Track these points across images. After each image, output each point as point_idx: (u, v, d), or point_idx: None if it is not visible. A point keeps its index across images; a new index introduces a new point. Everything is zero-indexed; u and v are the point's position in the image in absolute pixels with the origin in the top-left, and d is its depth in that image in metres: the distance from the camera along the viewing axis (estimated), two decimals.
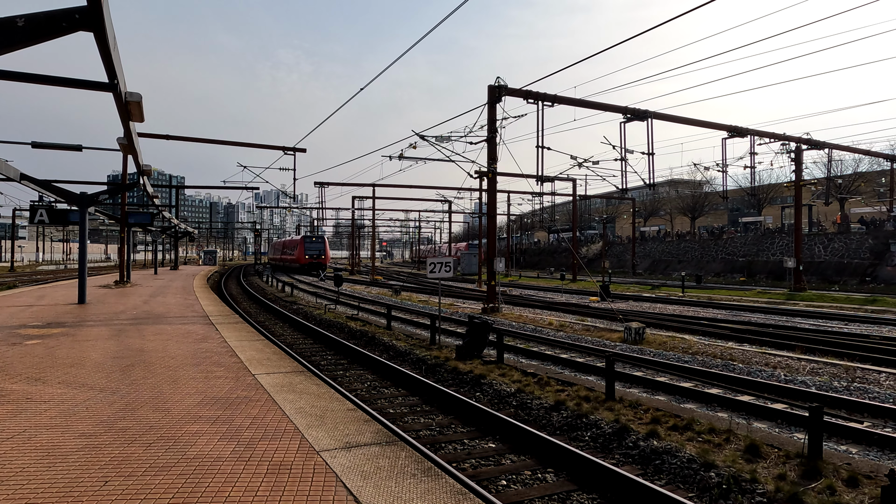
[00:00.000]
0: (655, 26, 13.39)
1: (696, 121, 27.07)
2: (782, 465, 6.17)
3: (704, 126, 27.48)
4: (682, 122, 26.52)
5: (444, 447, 7.15)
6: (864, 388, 9.48)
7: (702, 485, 5.85)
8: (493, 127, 21.68)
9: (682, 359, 12.15)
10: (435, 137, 23.38)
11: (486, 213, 22.88)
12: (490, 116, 21.77)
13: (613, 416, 7.76)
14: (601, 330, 16.96)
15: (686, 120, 26.66)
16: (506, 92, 21.69)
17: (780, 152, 29.03)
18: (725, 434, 7.10)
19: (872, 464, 6.37)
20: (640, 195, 71.54)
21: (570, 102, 22.63)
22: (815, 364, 11.77)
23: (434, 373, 11.47)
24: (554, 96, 22.06)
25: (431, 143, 23.62)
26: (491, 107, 21.80)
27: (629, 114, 24.16)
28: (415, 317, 20.66)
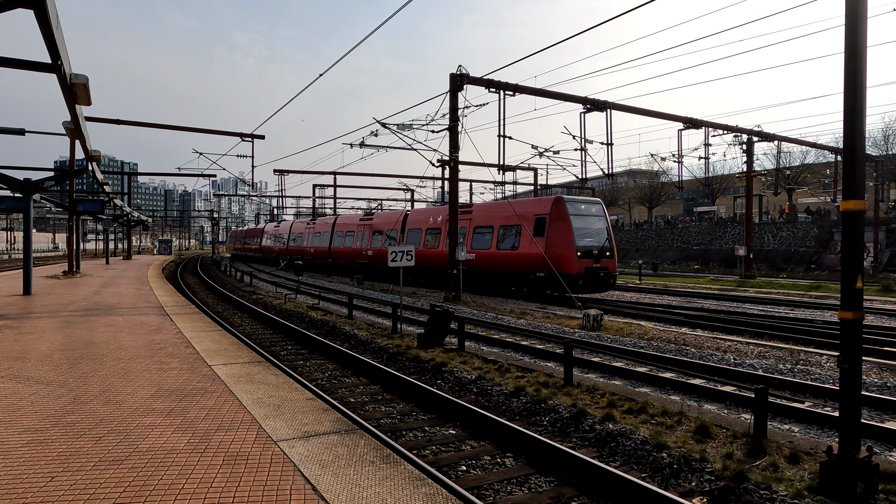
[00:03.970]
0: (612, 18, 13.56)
1: (654, 112, 27.62)
2: (730, 444, 6.43)
3: (661, 117, 28.08)
4: (640, 113, 27.03)
5: (404, 435, 7.18)
6: (806, 370, 9.93)
7: (654, 465, 6.04)
8: (454, 115, 21.65)
9: (637, 344, 12.48)
10: (396, 125, 23.21)
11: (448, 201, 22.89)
12: (452, 105, 21.72)
13: (571, 401, 7.93)
14: (561, 317, 17.24)
15: (644, 111, 27.18)
16: (467, 80, 21.67)
17: (733, 144, 29.95)
18: (677, 416, 7.35)
19: (813, 441, 6.70)
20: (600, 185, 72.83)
21: (531, 92, 22.77)
22: (762, 348, 12.27)
23: (396, 361, 11.47)
24: (515, 86, 22.15)
25: (393, 130, 23.44)
26: (453, 95, 21.75)
27: (589, 104, 24.46)
28: (377, 306, 20.59)
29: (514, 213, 22.67)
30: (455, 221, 22.24)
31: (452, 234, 22.17)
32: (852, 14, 5.18)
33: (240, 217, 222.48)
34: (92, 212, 26.97)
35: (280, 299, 22.54)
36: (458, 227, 23.79)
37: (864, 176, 5.38)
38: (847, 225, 5.23)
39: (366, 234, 34.20)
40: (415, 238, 28.89)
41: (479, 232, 24.49)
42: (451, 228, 22.23)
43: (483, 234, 24.32)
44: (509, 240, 22.87)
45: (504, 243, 23.12)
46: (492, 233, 23.80)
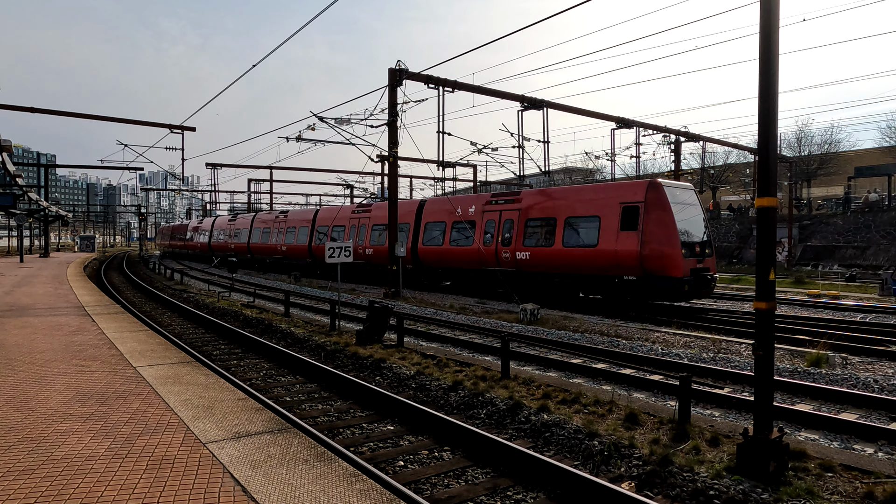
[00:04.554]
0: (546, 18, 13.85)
1: (588, 111, 28.43)
2: (657, 430, 6.72)
3: (595, 117, 28.95)
4: (576, 112, 27.76)
5: (342, 432, 7.10)
6: (727, 359, 10.52)
7: (586, 453, 6.24)
8: (393, 111, 21.53)
9: (572, 337, 12.83)
10: (334, 119, 22.84)
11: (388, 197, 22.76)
12: (391, 100, 21.58)
13: (508, 394, 8.06)
14: (500, 312, 17.50)
15: (579, 110, 27.93)
16: (406, 76, 21.58)
17: (662, 143, 31.26)
18: (609, 405, 7.62)
19: (732, 424, 7.10)
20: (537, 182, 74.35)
21: (469, 89, 22.93)
22: (688, 338, 12.89)
23: (333, 359, 11.32)
24: (454, 82, 22.24)
25: (331, 125, 23.05)
26: (392, 90, 21.61)
27: (526, 102, 24.89)
28: (315, 303, 20.23)
29: (588, 201, 17.96)
30: (394, 217, 22.10)
31: (391, 229, 22.06)
32: (766, 23, 5.50)
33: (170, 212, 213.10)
34: (2, 206, 25.11)
35: (213, 297, 21.75)
36: (503, 220, 20.27)
37: (777, 175, 5.73)
38: (761, 221, 5.56)
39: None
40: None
41: (535, 225, 19.27)
42: (390, 224, 22.10)
43: (539, 227, 19.18)
44: (583, 234, 17.81)
45: (574, 239, 18.08)
46: (554, 226, 18.59)
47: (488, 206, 21.16)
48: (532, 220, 19.50)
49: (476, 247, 21.38)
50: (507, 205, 20.60)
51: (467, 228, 22.18)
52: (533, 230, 19.45)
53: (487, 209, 21.15)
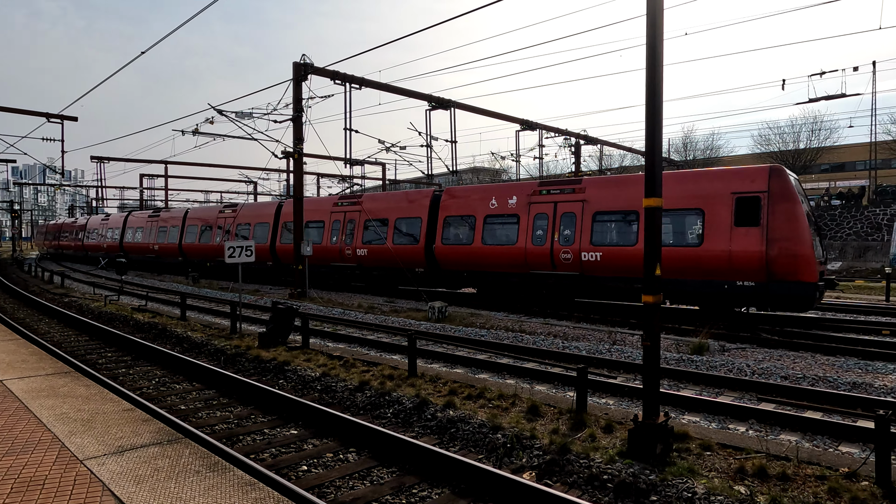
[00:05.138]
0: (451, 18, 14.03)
1: (495, 113, 29.13)
2: (556, 420, 7.00)
3: (501, 118, 29.71)
4: (482, 113, 28.35)
5: (241, 440, 6.80)
6: (621, 350, 11.15)
7: (490, 446, 6.38)
8: (298, 106, 20.93)
9: (479, 333, 13.08)
10: (235, 113, 21.85)
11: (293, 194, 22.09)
12: (295, 95, 20.97)
13: (415, 392, 8.08)
14: (408, 310, 17.51)
15: (485, 111, 28.54)
16: (312, 70, 21.05)
17: (563, 146, 32.65)
18: (512, 398, 7.84)
19: (625, 411, 7.54)
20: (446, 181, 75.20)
21: (377, 86, 22.76)
22: (586, 331, 13.54)
23: (234, 363, 10.82)
24: (361, 79, 21.98)
25: (231, 118, 22.04)
26: (296, 85, 21.00)
27: (434, 102, 25.09)
28: (215, 305, 19.26)
29: (685, 190, 14.63)
30: (300, 216, 21.48)
31: (297, 228, 21.44)
32: (652, 36, 5.87)
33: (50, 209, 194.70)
34: None
35: (99, 302, 20.10)
36: (562, 213, 16.52)
37: (662, 177, 6.14)
38: (648, 219, 5.93)
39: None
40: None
41: (604, 220, 15.96)
42: (295, 222, 21.47)
43: (610, 222, 15.96)
44: (679, 232, 14.71)
45: (666, 237, 14.60)
46: (636, 221, 15.30)
47: (537, 196, 17.11)
48: (602, 214, 15.91)
49: (516, 245, 17.61)
50: (562, 195, 16.77)
51: (501, 225, 18.34)
52: (603, 225, 15.96)
53: (536, 200, 17.12)
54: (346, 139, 22.08)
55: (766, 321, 14.81)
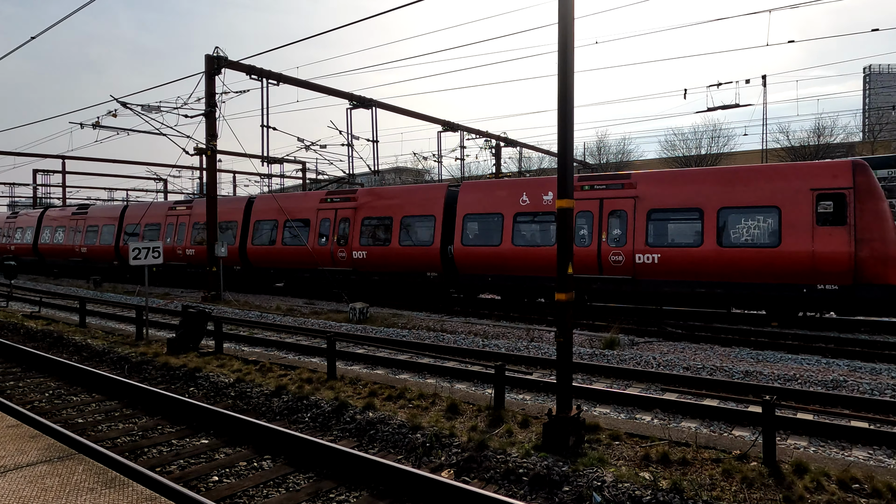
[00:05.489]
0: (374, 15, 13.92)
1: (417, 113, 29.17)
2: (475, 418, 7.10)
3: (423, 119, 29.80)
4: (404, 113, 28.31)
5: (146, 452, 6.41)
6: (538, 346, 11.49)
7: (410, 446, 6.38)
8: (211, 101, 20.05)
9: (400, 334, 13.06)
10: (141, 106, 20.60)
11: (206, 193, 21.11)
12: (208, 89, 20.07)
13: (334, 395, 7.95)
14: (329, 312, 17.21)
15: (407, 112, 28.52)
16: (226, 64, 20.22)
17: (484, 147, 33.22)
18: (432, 398, 7.87)
19: (541, 406, 7.77)
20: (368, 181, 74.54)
21: (296, 83, 22.20)
22: (506, 329, 13.84)
23: (139, 371, 10.20)
24: (279, 75, 21.36)
25: (137, 112, 20.76)
26: (209, 78, 20.10)
27: (355, 100, 24.79)
28: (119, 310, 18.06)
29: (759, 187, 13.63)
30: (213, 215, 20.57)
31: (210, 228, 20.53)
32: (563, 42, 6.09)
33: None
34: None
35: None
36: (610, 211, 15.11)
37: (573, 179, 6.38)
38: (560, 220, 6.14)
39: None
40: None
41: (662, 219, 14.66)
42: (209, 222, 20.55)
43: (669, 222, 14.66)
44: (753, 231, 13.60)
45: (737, 237, 13.71)
46: (698, 219, 14.09)
47: (578, 192, 15.56)
48: (658, 212, 14.71)
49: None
50: (613, 191, 15.32)
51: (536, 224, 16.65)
52: (659, 224, 14.75)
53: (577, 196, 15.28)
54: (264, 136, 21.37)
55: (671, 316, 15.75)
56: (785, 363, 10.20)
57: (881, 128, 55.59)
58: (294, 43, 17.41)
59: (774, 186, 13.48)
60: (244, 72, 20.62)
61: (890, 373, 9.40)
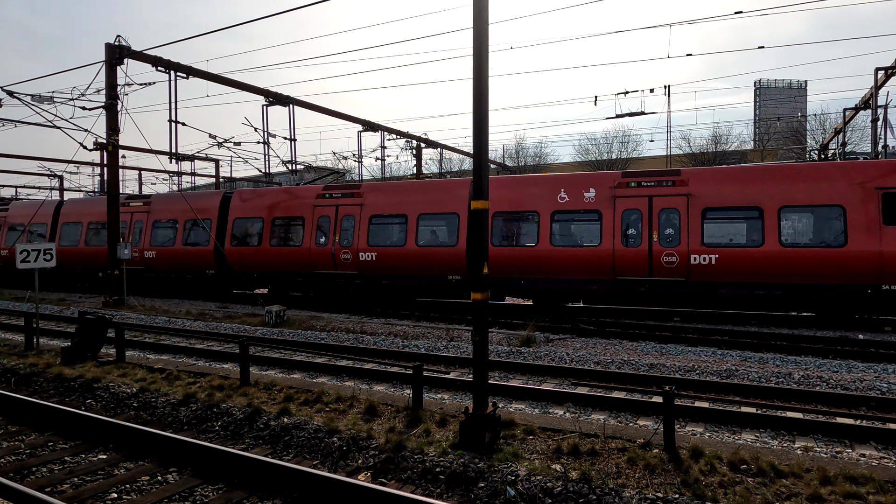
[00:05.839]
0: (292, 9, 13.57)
1: (337, 112, 28.71)
2: (393, 419, 7.08)
3: (343, 118, 29.38)
4: (324, 111, 27.79)
5: (34, 472, 5.91)
6: (458, 346, 11.63)
7: (326, 451, 6.27)
8: (113, 93, 18.80)
9: (319, 336, 12.80)
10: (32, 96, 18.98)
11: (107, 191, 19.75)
12: (109, 80, 18.80)
13: (247, 401, 7.67)
14: (243, 315, 16.60)
15: (327, 110, 28.02)
16: (129, 54, 19.01)
17: (405, 148, 33.22)
18: (350, 400, 7.77)
19: (459, 405, 7.85)
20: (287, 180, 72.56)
21: (207, 77, 21.23)
22: (426, 329, 13.91)
23: (29, 384, 9.38)
24: (189, 68, 20.34)
25: (27, 102, 19.10)
26: (110, 69, 18.83)
27: (271, 97, 24.06)
28: (6, 318, 16.54)
29: (818, 184, 13.45)
30: (115, 215, 19.28)
31: (111, 228, 19.24)
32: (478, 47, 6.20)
33: None
34: None
35: None
36: (660, 209, 14.52)
37: (488, 181, 6.51)
38: (475, 221, 6.25)
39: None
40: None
41: (718, 218, 14.16)
42: (109, 222, 19.25)
43: (727, 220, 14.28)
44: (815, 230, 13.58)
45: (799, 236, 13.82)
46: (758, 218, 13.60)
47: (625, 189, 15.03)
48: (714, 211, 14.23)
49: (599, 248, 15.08)
50: (663, 188, 14.71)
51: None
52: (718, 224, 14.36)
53: (624, 194, 14.99)
54: (172, 132, 20.27)
55: (584, 313, 16.42)
56: (686, 355, 10.90)
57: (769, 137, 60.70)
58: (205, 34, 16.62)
59: (838, 185, 13.29)
60: (150, 63, 19.47)
61: (775, 361, 10.28)
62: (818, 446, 6.26)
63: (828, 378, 8.79)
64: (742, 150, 56.31)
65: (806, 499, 4.82)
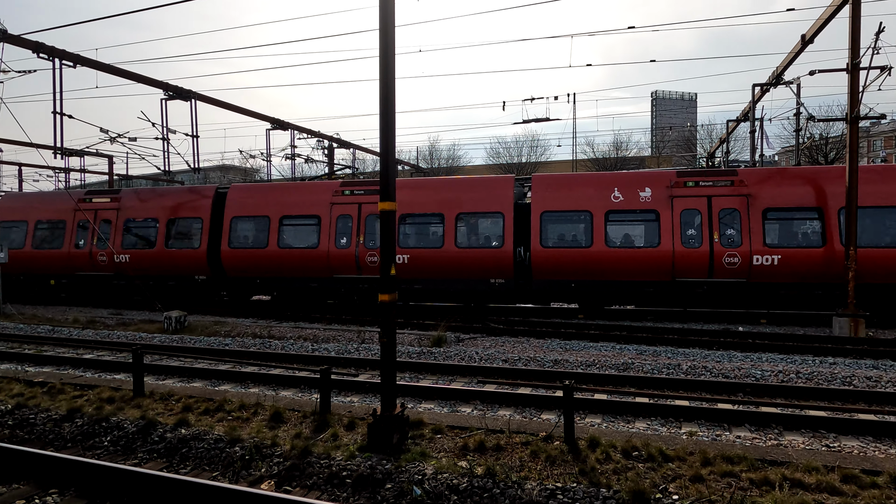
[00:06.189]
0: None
1: (243, 109, 27.55)
2: (300, 424, 6.92)
3: (251, 115, 28.23)
4: (229, 108, 26.57)
5: None
6: (369, 348, 11.55)
7: (227, 461, 6.01)
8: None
9: (223, 342, 12.27)
10: None
11: None
12: None
13: (140, 413, 7.21)
14: (140, 322, 15.59)
15: (233, 107, 26.81)
16: (6, 38, 17.27)
17: (317, 148, 32.49)
18: (255, 408, 7.51)
19: (368, 407, 7.78)
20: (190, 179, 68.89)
21: (98, 67, 19.70)
22: (337, 332, 13.69)
23: None
24: (77, 55, 18.79)
25: None
26: None
27: (171, 91, 22.71)
28: None
29: (880, 187, 13.93)
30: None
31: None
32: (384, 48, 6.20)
33: None
34: None
35: None
36: (720, 209, 14.45)
37: (395, 182, 6.52)
38: (384, 222, 6.24)
39: None
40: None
41: (779, 219, 14.43)
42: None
43: (787, 221, 14.46)
44: (876, 230, 13.86)
45: (871, 237, 13.86)
46: (818, 219, 14.21)
47: (681, 188, 14.79)
48: (774, 212, 14.34)
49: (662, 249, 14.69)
50: (721, 188, 14.63)
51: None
52: (779, 225, 14.44)
53: (681, 193, 14.76)
54: (57, 125, 18.63)
55: (494, 312, 16.82)
56: (587, 350, 11.46)
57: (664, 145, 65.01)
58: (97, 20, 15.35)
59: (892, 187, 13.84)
60: (30, 49, 17.79)
61: (667, 354, 11.03)
62: (701, 431, 6.79)
63: (711, 368, 9.56)
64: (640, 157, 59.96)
65: (689, 480, 5.21)
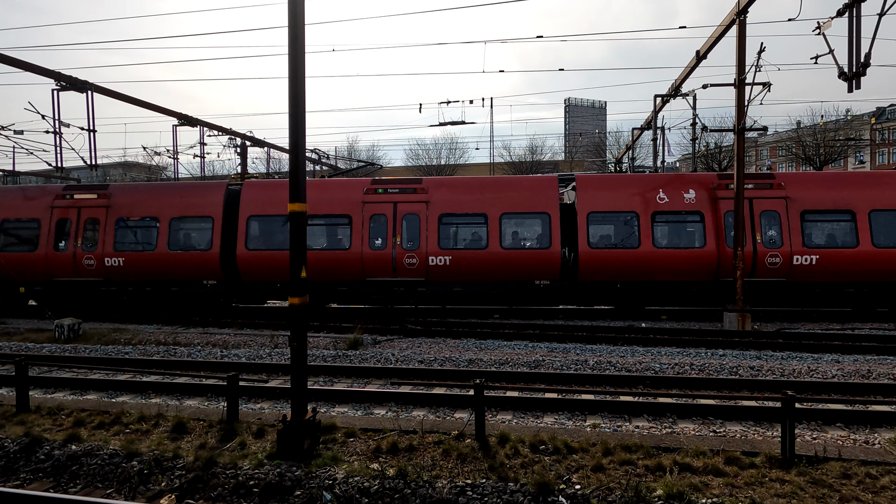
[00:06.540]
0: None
1: (147, 103, 25.98)
2: (205, 434, 6.64)
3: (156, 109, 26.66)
4: (131, 101, 24.97)
5: None
6: (282, 353, 11.24)
7: (123, 477, 5.67)
8: None
9: (122, 351, 11.54)
10: None
11: None
12: None
13: (24, 430, 6.65)
14: (27, 331, 14.34)
15: (135, 100, 25.22)
16: None
17: (228, 146, 31.23)
18: (156, 419, 7.12)
19: (279, 413, 7.58)
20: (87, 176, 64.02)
21: None
22: (248, 337, 13.23)
23: None
24: None
25: None
26: None
27: (64, 81, 21.04)
28: None
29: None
30: None
31: None
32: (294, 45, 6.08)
33: None
34: None
35: None
36: (761, 211, 14.90)
37: (305, 183, 6.41)
38: (293, 223, 6.12)
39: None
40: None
41: (816, 220, 15.20)
42: None
43: (824, 222, 15.20)
44: None
45: (885, 238, 14.71)
46: (851, 220, 14.90)
47: (724, 191, 15.19)
48: (812, 213, 15.08)
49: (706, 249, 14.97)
50: (761, 191, 15.14)
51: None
52: (816, 226, 15.03)
53: (722, 196, 15.13)
54: None
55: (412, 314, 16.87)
56: (502, 349, 11.74)
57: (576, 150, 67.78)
58: None
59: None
60: None
61: (576, 351, 11.52)
62: (604, 423, 7.16)
63: (615, 362, 10.09)
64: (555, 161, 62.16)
65: (591, 469, 5.49)
